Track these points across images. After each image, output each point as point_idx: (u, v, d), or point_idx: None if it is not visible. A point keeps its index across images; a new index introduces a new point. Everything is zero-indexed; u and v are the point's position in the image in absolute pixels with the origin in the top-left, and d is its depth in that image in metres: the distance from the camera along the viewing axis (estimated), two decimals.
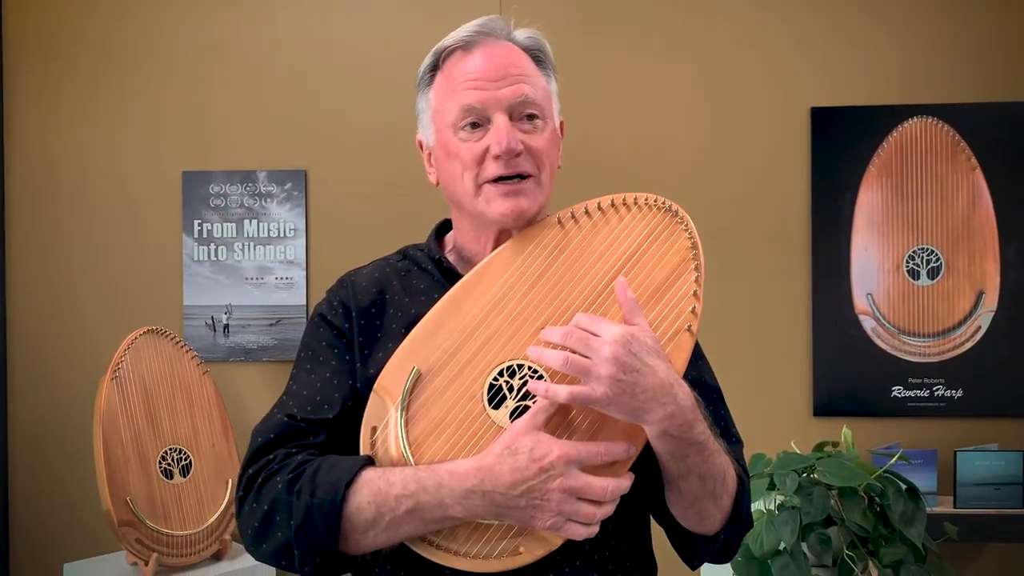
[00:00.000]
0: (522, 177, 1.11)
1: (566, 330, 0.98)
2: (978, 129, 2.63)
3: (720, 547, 1.11)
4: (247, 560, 2.47)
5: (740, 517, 1.09)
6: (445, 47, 1.15)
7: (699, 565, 1.17)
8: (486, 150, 1.10)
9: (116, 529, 2.27)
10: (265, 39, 2.80)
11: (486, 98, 1.10)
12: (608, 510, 0.99)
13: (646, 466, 1.06)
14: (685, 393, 0.98)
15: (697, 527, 1.08)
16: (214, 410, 2.53)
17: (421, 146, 1.22)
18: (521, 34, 1.17)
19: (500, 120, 1.09)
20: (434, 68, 1.17)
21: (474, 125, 1.11)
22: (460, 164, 1.12)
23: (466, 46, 1.13)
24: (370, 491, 0.98)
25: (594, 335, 0.97)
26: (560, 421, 1.03)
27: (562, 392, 0.96)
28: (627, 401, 0.95)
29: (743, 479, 1.11)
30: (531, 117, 1.12)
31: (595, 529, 0.98)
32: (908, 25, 2.69)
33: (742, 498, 1.10)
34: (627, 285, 1.03)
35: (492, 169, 1.10)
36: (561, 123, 1.22)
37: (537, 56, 1.17)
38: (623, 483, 0.99)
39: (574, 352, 0.97)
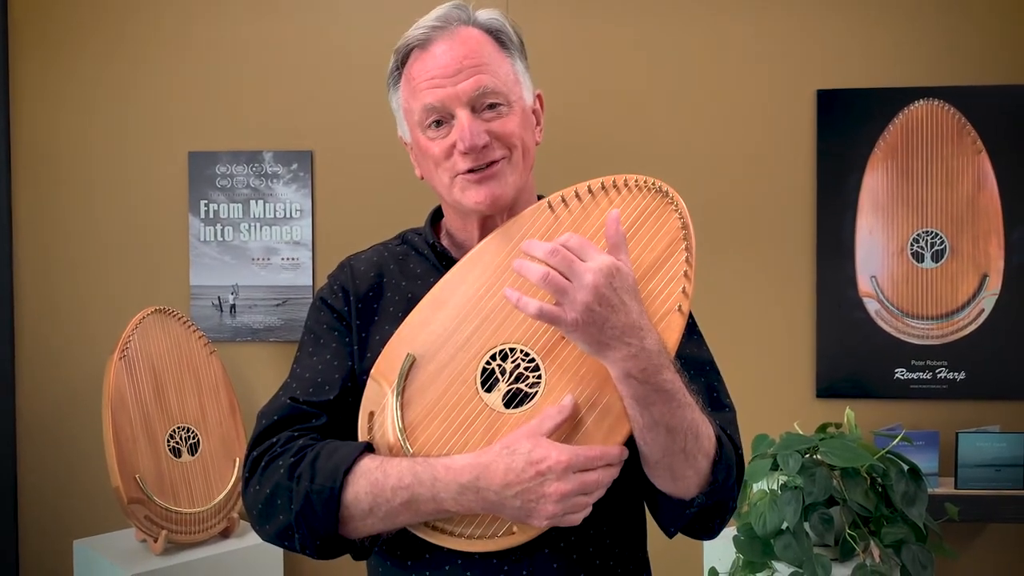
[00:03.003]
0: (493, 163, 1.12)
1: (552, 247, 0.95)
2: (984, 112, 2.63)
3: (696, 513, 1.09)
4: (254, 538, 2.49)
5: (718, 482, 1.06)
6: (404, 46, 1.15)
7: (675, 533, 1.15)
8: (454, 145, 1.11)
9: (125, 507, 2.30)
10: (272, 19, 2.79)
11: (445, 95, 1.10)
12: (600, 493, 1.00)
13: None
14: (654, 339, 0.98)
15: (670, 487, 1.06)
16: (221, 389, 2.55)
17: (404, 142, 1.24)
18: (483, 15, 1.16)
19: (462, 116, 1.10)
20: (398, 67, 1.17)
21: (438, 123, 1.12)
22: (432, 161, 1.14)
23: (423, 44, 1.13)
24: (367, 481, 1.01)
25: (579, 259, 0.95)
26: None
27: (532, 305, 0.95)
28: (593, 333, 0.95)
29: (723, 442, 1.08)
30: (493, 106, 1.11)
31: (588, 511, 1.00)
32: (915, 7, 2.68)
33: (720, 461, 1.06)
34: (619, 219, 1.01)
35: (462, 163, 1.11)
36: (538, 96, 1.22)
37: (499, 38, 1.16)
38: (613, 472, 1.01)
39: (555, 270, 0.95)
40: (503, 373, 1.07)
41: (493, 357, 1.07)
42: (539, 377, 1.06)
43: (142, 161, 2.81)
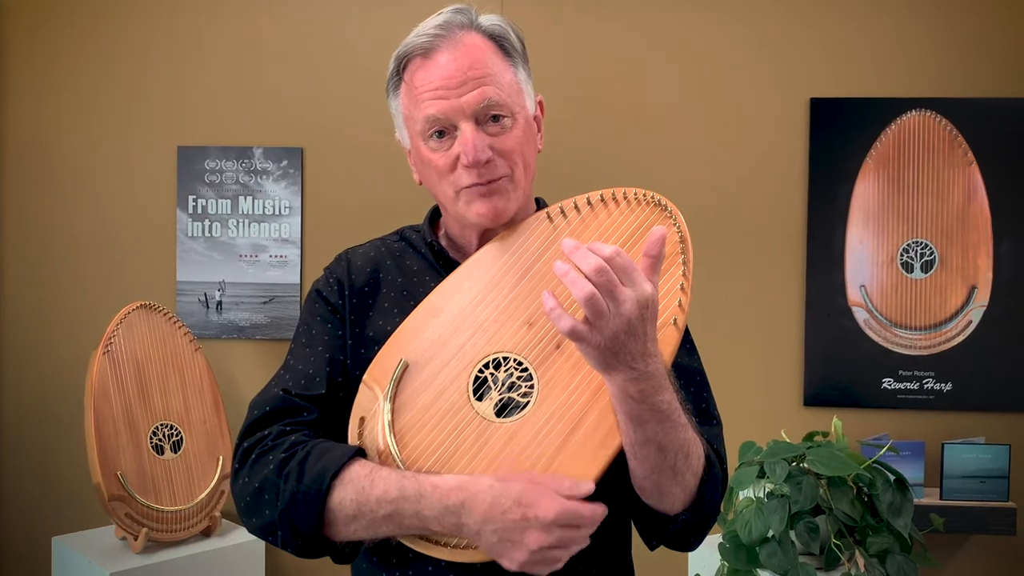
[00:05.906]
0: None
1: (600, 265, 0.88)
2: (976, 124, 2.64)
3: (679, 529, 1.08)
4: (236, 537, 2.48)
5: (704, 499, 1.06)
6: (405, 54, 1.13)
7: (656, 546, 1.14)
8: (457, 158, 1.09)
9: (106, 503, 2.27)
10: (264, 14, 2.78)
11: (448, 107, 1.08)
12: (574, 551, 0.96)
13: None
14: (658, 363, 0.96)
15: (657, 503, 1.06)
16: (206, 387, 2.52)
17: (402, 147, 1.22)
18: (486, 21, 1.14)
19: (466, 129, 1.08)
20: (398, 73, 1.15)
21: (440, 133, 1.10)
22: (436, 172, 1.12)
23: (425, 52, 1.11)
24: (354, 488, 0.99)
25: (621, 283, 0.90)
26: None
27: (566, 323, 0.90)
28: (608, 356, 0.92)
29: (712, 461, 1.08)
30: (497, 118, 1.10)
31: (559, 567, 0.96)
32: (909, 18, 2.69)
33: (708, 480, 1.06)
34: (664, 238, 0.93)
35: (465, 178, 1.10)
36: (539, 103, 1.20)
37: (502, 45, 1.14)
38: (593, 528, 0.96)
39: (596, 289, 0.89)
40: (495, 382, 1.06)
41: (486, 366, 1.06)
42: (531, 387, 1.05)
43: (130, 155, 2.79)
